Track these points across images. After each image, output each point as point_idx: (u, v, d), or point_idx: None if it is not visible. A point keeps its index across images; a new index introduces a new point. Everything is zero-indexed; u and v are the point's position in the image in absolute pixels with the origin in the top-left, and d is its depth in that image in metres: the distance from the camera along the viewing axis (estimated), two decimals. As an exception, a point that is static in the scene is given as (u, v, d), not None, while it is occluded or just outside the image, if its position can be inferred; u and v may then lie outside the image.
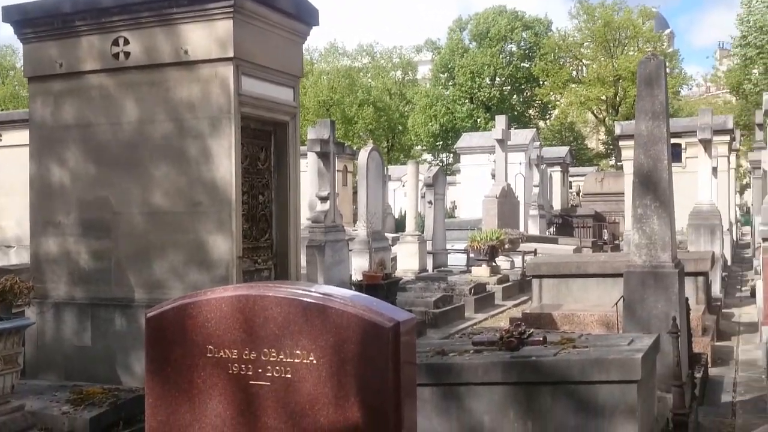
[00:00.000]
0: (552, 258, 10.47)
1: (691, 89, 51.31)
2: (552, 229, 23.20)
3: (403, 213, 24.22)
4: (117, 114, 5.98)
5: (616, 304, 5.26)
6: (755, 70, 34.62)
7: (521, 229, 19.56)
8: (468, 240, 13.20)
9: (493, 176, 18.80)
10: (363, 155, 11.85)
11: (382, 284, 8.55)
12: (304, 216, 12.06)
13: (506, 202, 17.98)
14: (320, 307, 2.52)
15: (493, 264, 12.94)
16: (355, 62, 49.72)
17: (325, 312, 2.51)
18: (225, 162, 5.61)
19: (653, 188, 4.93)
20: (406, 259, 13.58)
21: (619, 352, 3.54)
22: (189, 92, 5.75)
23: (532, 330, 4.17)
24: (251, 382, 2.61)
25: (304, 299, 2.56)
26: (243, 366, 2.61)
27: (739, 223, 26.89)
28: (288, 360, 2.54)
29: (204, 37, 5.68)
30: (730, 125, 16.17)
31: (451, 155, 43.42)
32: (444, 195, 17.59)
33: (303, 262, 10.71)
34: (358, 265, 11.12)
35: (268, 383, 2.58)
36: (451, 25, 47.65)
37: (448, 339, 7.33)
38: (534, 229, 21.33)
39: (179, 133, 5.78)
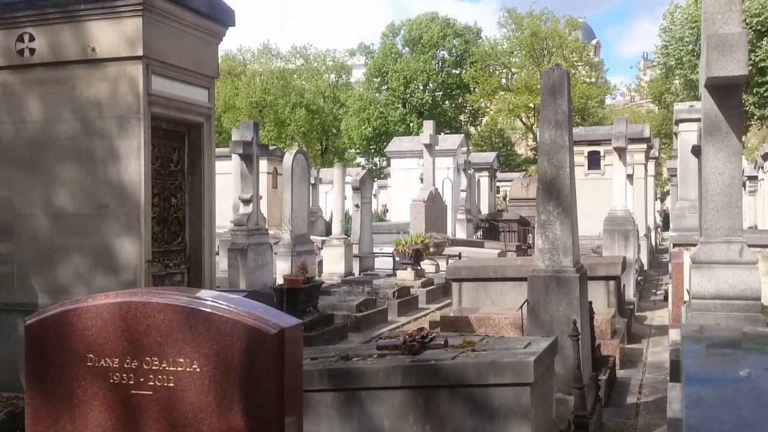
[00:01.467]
0: (471, 262, 10.64)
1: (615, 98, 53.15)
2: (479, 233, 23.60)
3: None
4: (21, 112, 5.76)
5: (521, 307, 5.39)
6: (676, 81, 36.13)
7: (449, 232, 19.84)
8: (394, 243, 13.29)
9: (422, 180, 18.99)
10: (288, 158, 11.78)
11: (302, 288, 8.50)
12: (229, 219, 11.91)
13: (434, 206, 18.19)
14: (204, 314, 2.49)
15: (418, 267, 13.06)
16: (289, 64, 49.42)
17: (209, 319, 2.48)
18: (134, 163, 5.47)
19: (556, 195, 5.08)
20: (332, 263, 13.56)
21: (514, 355, 3.62)
22: (96, 91, 5.59)
23: (434, 334, 4.22)
24: (133, 391, 2.55)
25: (188, 306, 2.52)
26: (124, 375, 2.56)
27: (659, 229, 27.99)
28: (171, 368, 2.50)
29: (112, 34, 5.53)
30: (647, 134, 16.83)
31: (385, 159, 43.73)
32: (371, 198, 17.65)
33: (224, 265, 10.58)
34: (282, 268, 11.03)
35: (151, 392, 2.53)
36: (384, 31, 47.96)
37: (367, 342, 7.36)
38: (461, 233, 21.66)
39: (86, 132, 5.61)
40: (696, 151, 7.39)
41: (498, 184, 30.96)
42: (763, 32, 31.92)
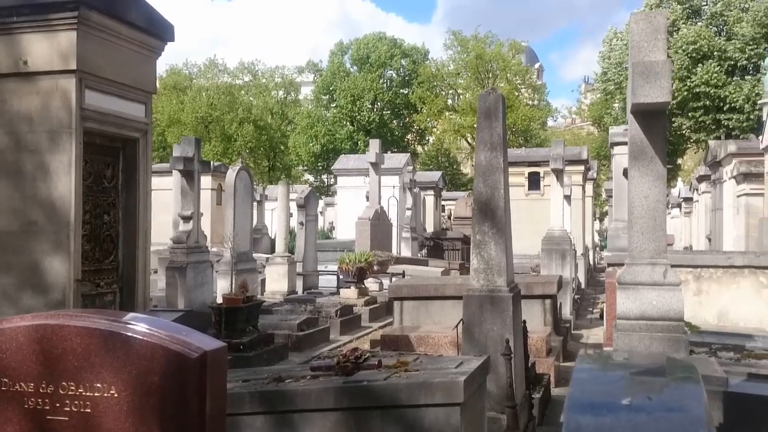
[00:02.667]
0: (413, 280, 10.69)
1: (556, 120, 54.49)
2: (424, 251, 23.76)
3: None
4: (-52, 125, 5.55)
5: (457, 326, 5.43)
6: (615, 105, 37.25)
7: (394, 250, 19.90)
8: (335, 261, 13.24)
9: (368, 198, 19.03)
10: (231, 174, 11.64)
11: (242, 307, 8.36)
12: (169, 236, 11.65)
13: (379, 224, 18.23)
14: (123, 337, 2.42)
15: (362, 286, 13.03)
16: (236, 79, 49.04)
17: (128, 342, 2.41)
18: (64, 179, 5.33)
19: (491, 215, 5.16)
20: (275, 281, 13.41)
21: (445, 375, 3.64)
22: (28, 104, 5.44)
23: (368, 354, 4.21)
24: (48, 417, 2.46)
25: (107, 329, 2.45)
26: (40, 400, 2.47)
27: (598, 248, 28.64)
28: (87, 394, 2.42)
29: (46, 48, 5.40)
30: (585, 156, 17.30)
31: (333, 176, 43.71)
32: (316, 216, 17.58)
33: (162, 284, 10.35)
34: (223, 287, 10.86)
35: (66, 418, 2.44)
36: (333, 49, 48.14)
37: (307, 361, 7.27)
38: (406, 251, 21.75)
39: (15, 147, 5.44)
40: (626, 173, 7.62)
41: (443, 202, 31.28)
42: (698, 59, 33.31)
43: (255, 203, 24.41)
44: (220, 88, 45.57)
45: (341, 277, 13.57)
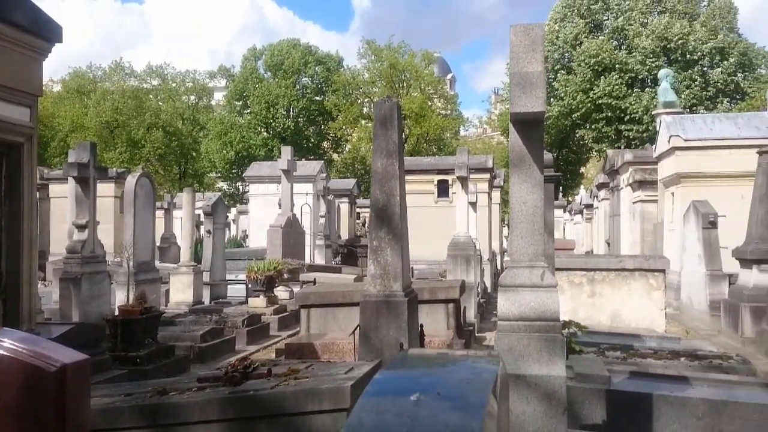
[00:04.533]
0: (321, 287, 10.66)
1: (468, 130, 55.71)
2: (338, 259, 23.74)
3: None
4: None
5: (353, 332, 5.45)
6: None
7: (307, 258, 19.79)
8: (245, 270, 13.03)
9: (280, 206, 18.85)
10: (131, 181, 11.26)
11: (139, 319, 8.08)
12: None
13: (292, 231, 18.09)
14: (-25, 351, 2.30)
15: (271, 294, 12.87)
16: (144, 83, 47.59)
17: (-19, 356, 2.29)
18: (-63, 186, 5.02)
19: (387, 222, 5.21)
20: (180, 292, 13.05)
21: (333, 381, 3.64)
22: None
23: (258, 363, 4.16)
24: None
25: (-43, 343, 2.32)
26: None
27: (505, 253, 29.43)
28: (-65, 411, 2.28)
29: None
30: (491, 164, 17.77)
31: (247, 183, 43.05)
32: (225, 224, 17.25)
33: (56, 296, 9.87)
34: (122, 299, 10.47)
35: None
36: (246, 54, 47.52)
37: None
38: (320, 259, 21.66)
39: None
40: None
41: (358, 210, 31.39)
42: (600, 72, 34.87)
43: (163, 211, 23.76)
44: (127, 92, 44.08)
45: (250, 286, 13.35)
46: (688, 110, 29.06)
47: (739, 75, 34.14)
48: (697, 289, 12.93)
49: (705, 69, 34.45)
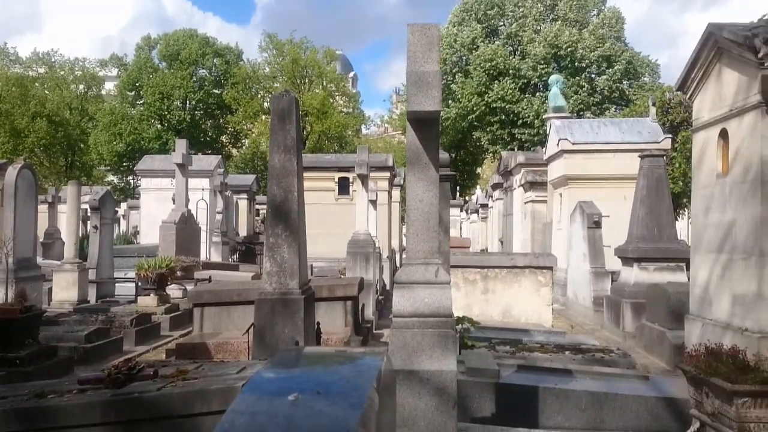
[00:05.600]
0: (215, 285, 10.41)
1: (369, 129, 56.09)
2: (235, 256, 23.27)
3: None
4: None
5: (248, 331, 5.35)
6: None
7: (203, 256, 19.27)
8: (135, 268, 12.53)
9: (174, 201, 18.24)
10: (11, 173, 10.56)
11: (18, 318, 7.59)
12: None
13: (186, 228, 17.54)
14: None
15: (163, 293, 12.44)
16: (29, 71, 44.80)
17: None
18: None
19: (284, 219, 5.14)
20: (64, 290, 12.38)
21: (224, 381, 3.55)
22: None
23: (143, 365, 4.00)
24: None
25: None
26: None
27: (403, 251, 29.83)
28: None
29: None
30: (391, 163, 17.97)
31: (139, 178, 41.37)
32: (113, 219, 16.52)
33: None
34: (0, 297, 9.80)
35: None
36: (140, 43, 45.67)
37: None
38: (216, 256, 21.16)
39: None
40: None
41: (258, 206, 30.88)
42: (495, 76, 35.95)
43: (47, 205, 22.48)
44: (10, 79, 41.34)
45: (140, 284, 12.85)
46: (576, 115, 30.50)
47: (624, 82, 36.13)
48: (582, 285, 13.59)
49: (592, 76, 36.22)
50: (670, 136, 17.06)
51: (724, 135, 7.33)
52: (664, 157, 13.05)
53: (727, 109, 7.18)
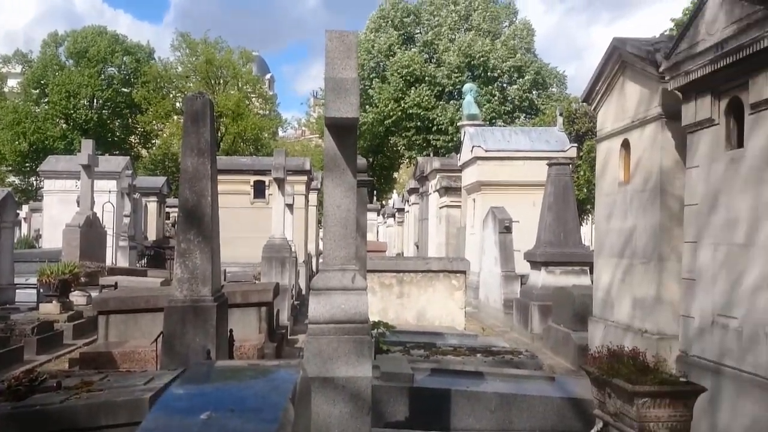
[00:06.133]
0: (122, 292, 10.06)
1: (286, 131, 55.62)
2: (143, 261, 22.53)
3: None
4: None
5: (156, 340, 5.19)
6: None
7: (109, 261, 18.54)
8: (37, 273, 11.92)
9: (79, 204, 17.48)
10: None
11: None
12: None
13: (91, 231, 16.84)
14: None
15: (66, 300, 11.90)
16: None
17: None
18: None
19: (197, 224, 5.02)
20: (-43, 297, 11.62)
21: (131, 393, 3.43)
22: None
23: (46, 376, 3.81)
24: None
25: None
26: None
27: (320, 255, 29.72)
28: None
29: None
30: (308, 166, 17.88)
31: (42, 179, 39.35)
32: (14, 222, 15.66)
33: None
34: None
35: None
36: (46, 39, 43.55)
37: None
38: (123, 261, 20.42)
39: None
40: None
41: (168, 209, 30.02)
42: (411, 82, 36.41)
43: (-62, 207, 21.04)
44: None
45: (42, 290, 12.23)
46: (489, 123, 31.30)
47: (533, 92, 37.36)
48: (494, 288, 13.95)
49: (504, 85, 37.28)
50: (575, 145, 17.78)
51: (626, 145, 7.71)
52: (571, 165, 13.58)
53: (629, 120, 7.55)
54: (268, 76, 70.64)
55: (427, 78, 36.44)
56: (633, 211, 7.40)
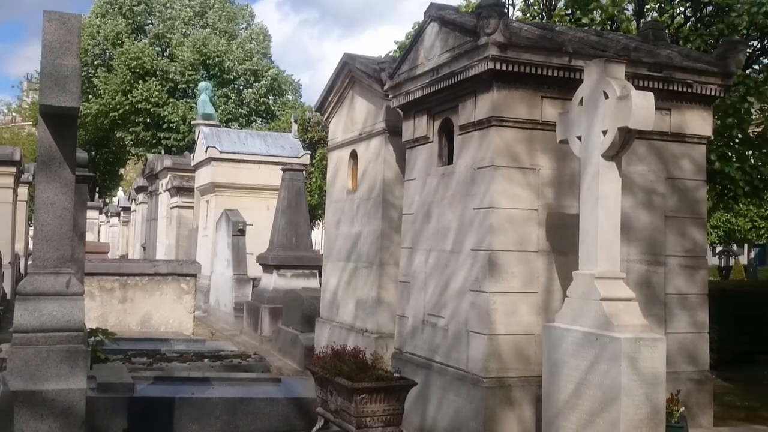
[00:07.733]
0: None
1: (-9, 116, 49.15)
2: None
3: None
4: None
5: None
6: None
7: None
8: None
9: None
10: None
11: None
12: None
13: None
14: None
15: None
16: None
17: None
18: None
19: None
20: None
21: None
22: None
23: None
24: None
25: None
26: None
27: (30, 256, 26.75)
28: None
29: None
30: (18, 157, 15.94)
31: None
32: None
33: None
34: None
35: None
36: None
37: None
38: None
39: None
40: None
41: None
42: (141, 75, 34.45)
43: None
44: None
45: None
46: (224, 124, 30.88)
47: (269, 97, 37.69)
48: (225, 292, 13.80)
49: (240, 88, 37.08)
50: (309, 152, 18.34)
51: (354, 156, 8.17)
52: (304, 172, 13.99)
53: (357, 132, 8.02)
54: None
55: (158, 72, 34.80)
56: (359, 218, 7.87)
